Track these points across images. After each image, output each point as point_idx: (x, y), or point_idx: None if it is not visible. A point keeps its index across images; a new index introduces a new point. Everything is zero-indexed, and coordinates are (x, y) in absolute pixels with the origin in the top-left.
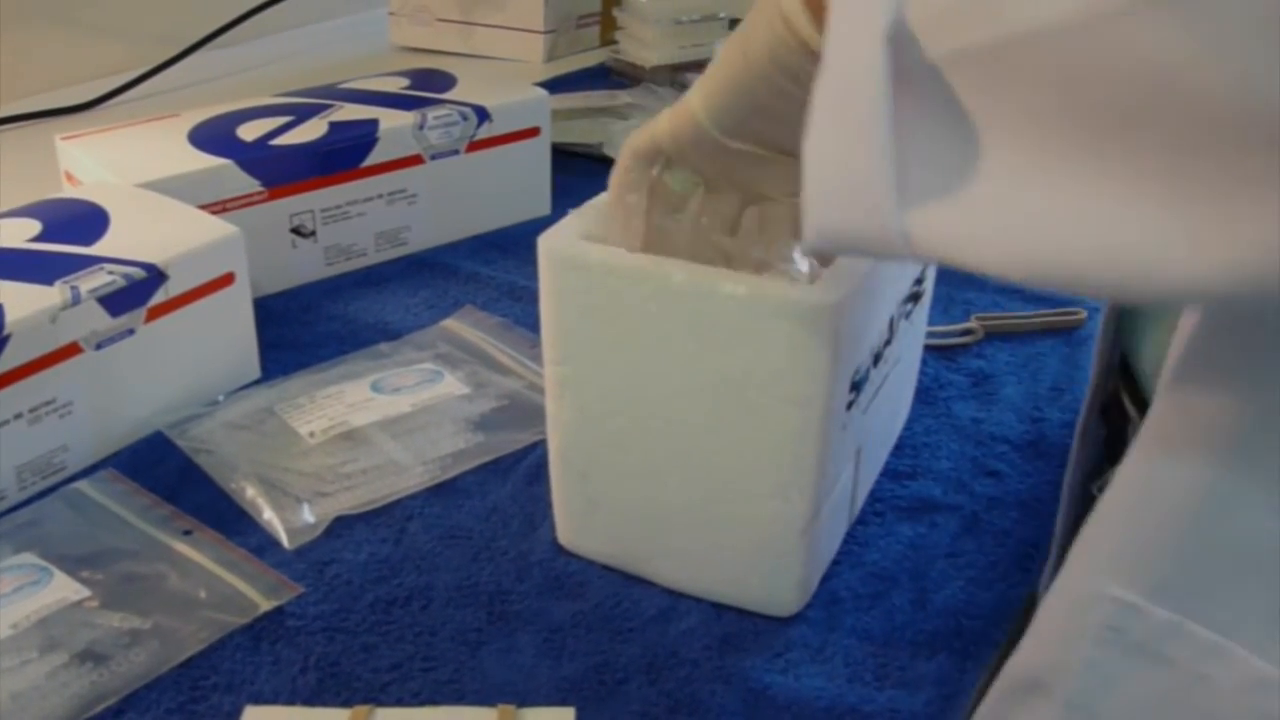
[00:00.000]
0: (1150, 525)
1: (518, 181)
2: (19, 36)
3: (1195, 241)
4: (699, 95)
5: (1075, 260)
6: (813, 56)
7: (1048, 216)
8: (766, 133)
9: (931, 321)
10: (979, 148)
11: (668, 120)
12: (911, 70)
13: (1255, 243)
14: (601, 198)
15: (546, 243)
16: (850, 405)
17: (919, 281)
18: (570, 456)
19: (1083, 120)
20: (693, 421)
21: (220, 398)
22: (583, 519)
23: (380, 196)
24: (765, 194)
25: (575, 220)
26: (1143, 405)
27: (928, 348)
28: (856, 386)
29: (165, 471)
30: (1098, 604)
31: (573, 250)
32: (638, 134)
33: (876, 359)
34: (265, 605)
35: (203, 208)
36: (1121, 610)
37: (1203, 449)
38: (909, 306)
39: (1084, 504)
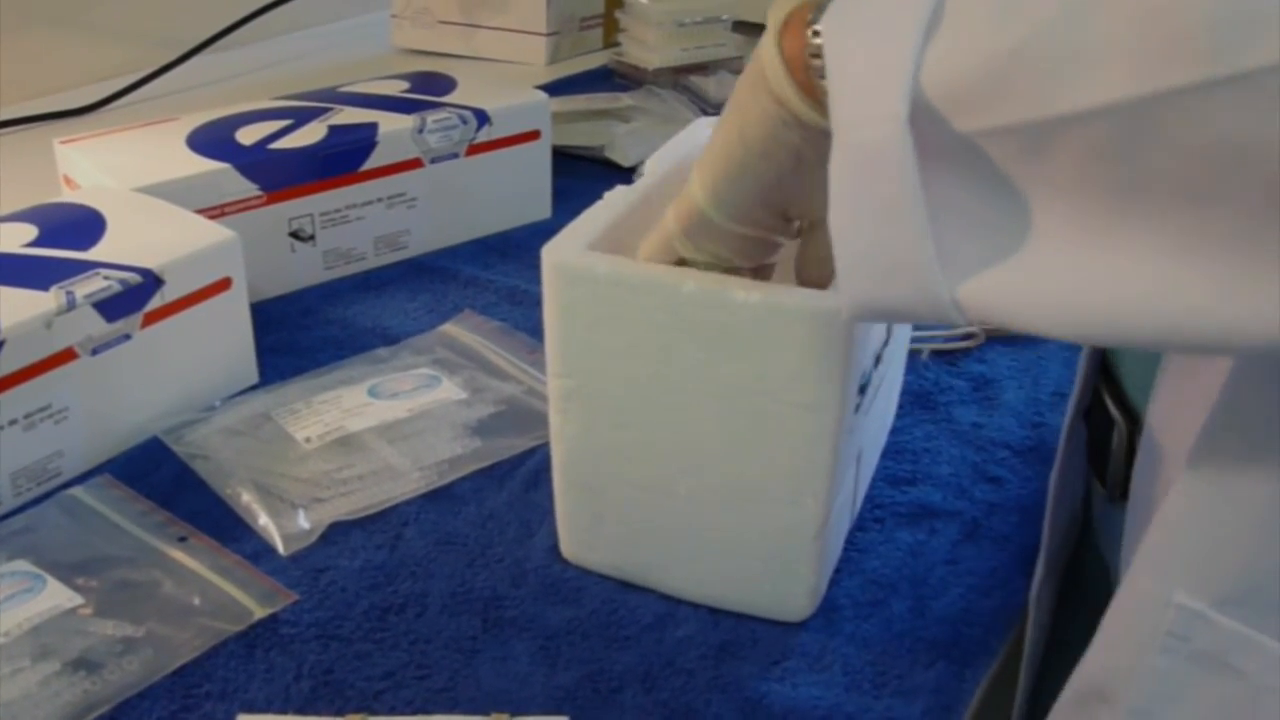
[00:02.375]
0: (1218, 535)
1: (518, 185)
2: (19, 39)
3: (1271, 299)
4: (700, 186)
5: (1138, 320)
6: (812, 133)
7: (1105, 279)
8: (772, 215)
9: (933, 326)
10: (1028, 214)
11: (674, 218)
12: (938, 144)
13: None
14: (600, 208)
15: (551, 254)
16: (857, 408)
17: None
18: (575, 470)
19: (1140, 189)
20: (703, 431)
21: (217, 403)
22: (588, 533)
23: (379, 200)
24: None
25: (578, 230)
26: (1126, 409)
27: (929, 352)
28: (862, 390)
29: (161, 477)
30: (1163, 611)
31: (579, 262)
32: (652, 244)
33: (877, 360)
34: (260, 612)
35: (201, 212)
36: (1187, 618)
37: (1271, 463)
38: None
39: (1071, 508)
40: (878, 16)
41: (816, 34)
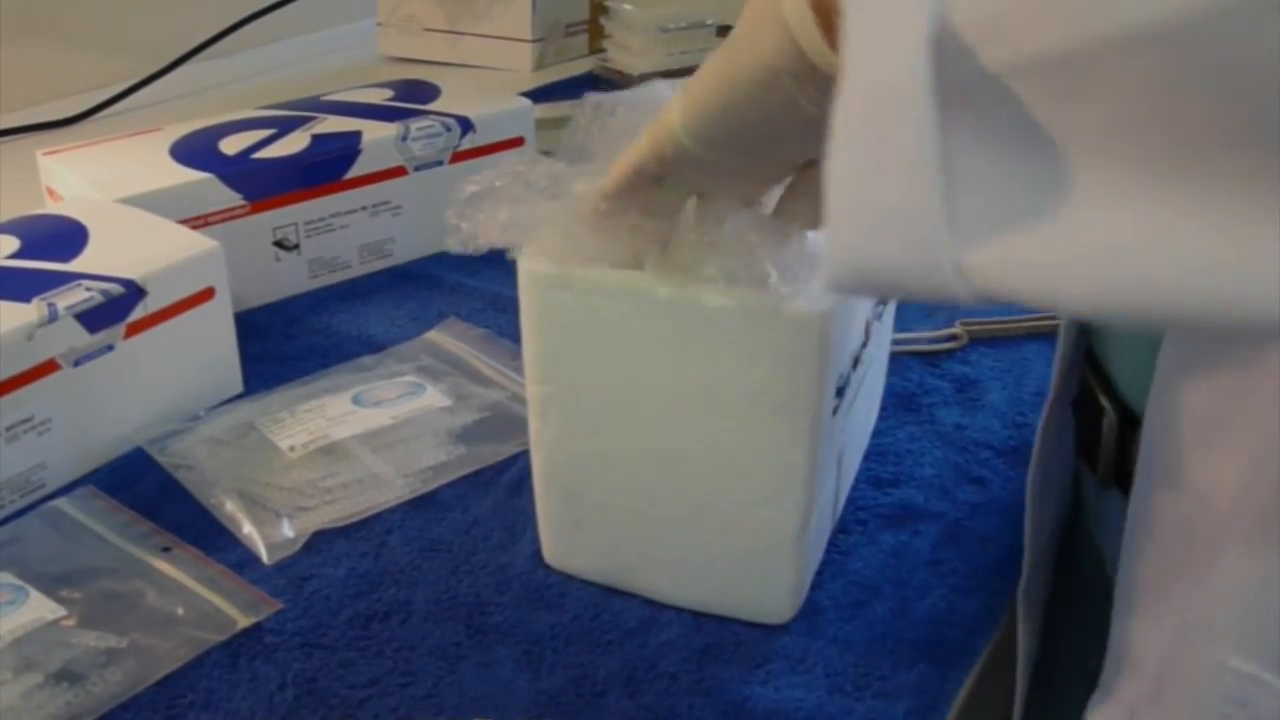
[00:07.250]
0: (1272, 600)
1: None
2: (2, 51)
3: None
4: (679, 113)
5: (1183, 293)
6: (817, 77)
7: (1148, 243)
8: (755, 149)
9: (915, 327)
10: (1058, 168)
11: (649, 142)
12: (962, 82)
13: None
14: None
15: (526, 262)
16: (835, 411)
17: None
18: (555, 476)
19: (1191, 131)
20: (681, 435)
21: (201, 413)
22: (570, 538)
23: (364, 208)
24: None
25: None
26: (1115, 400)
27: (912, 354)
28: (840, 392)
29: (145, 488)
30: (1220, 676)
31: (554, 269)
32: (622, 161)
33: (855, 362)
34: (244, 622)
35: (185, 222)
36: (1244, 683)
37: None
38: (880, 308)
39: (1057, 498)
40: None
41: None
